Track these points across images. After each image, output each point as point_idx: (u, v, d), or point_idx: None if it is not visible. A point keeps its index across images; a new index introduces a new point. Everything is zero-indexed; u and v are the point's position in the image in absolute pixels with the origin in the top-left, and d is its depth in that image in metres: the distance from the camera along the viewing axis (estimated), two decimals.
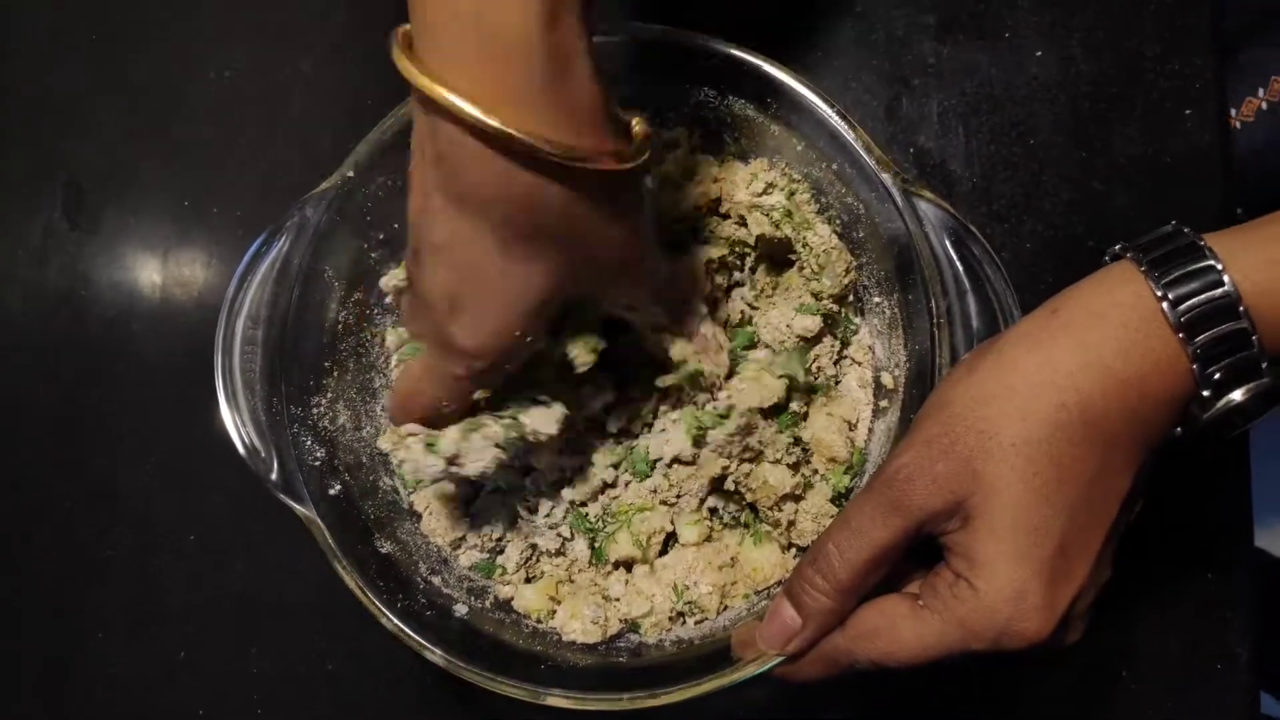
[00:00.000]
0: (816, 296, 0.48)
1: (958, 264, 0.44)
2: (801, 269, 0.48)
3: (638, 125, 0.38)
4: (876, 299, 0.49)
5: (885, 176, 0.44)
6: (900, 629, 0.37)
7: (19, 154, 0.63)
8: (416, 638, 0.44)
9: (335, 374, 0.50)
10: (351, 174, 0.48)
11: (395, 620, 0.44)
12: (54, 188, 0.62)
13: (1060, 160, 0.54)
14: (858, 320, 0.50)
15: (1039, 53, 0.55)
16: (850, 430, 0.48)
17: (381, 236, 0.51)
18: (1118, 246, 0.38)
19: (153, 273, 0.61)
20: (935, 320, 0.43)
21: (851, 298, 0.49)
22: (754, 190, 0.48)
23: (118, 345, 0.60)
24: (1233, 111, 0.52)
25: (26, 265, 0.62)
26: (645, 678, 0.43)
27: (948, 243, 0.44)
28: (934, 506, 0.36)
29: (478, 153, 0.34)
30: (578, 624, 0.47)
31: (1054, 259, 0.53)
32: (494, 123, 0.32)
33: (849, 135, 0.45)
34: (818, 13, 0.56)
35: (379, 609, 0.44)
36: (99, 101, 0.62)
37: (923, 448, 0.36)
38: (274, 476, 0.47)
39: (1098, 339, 0.35)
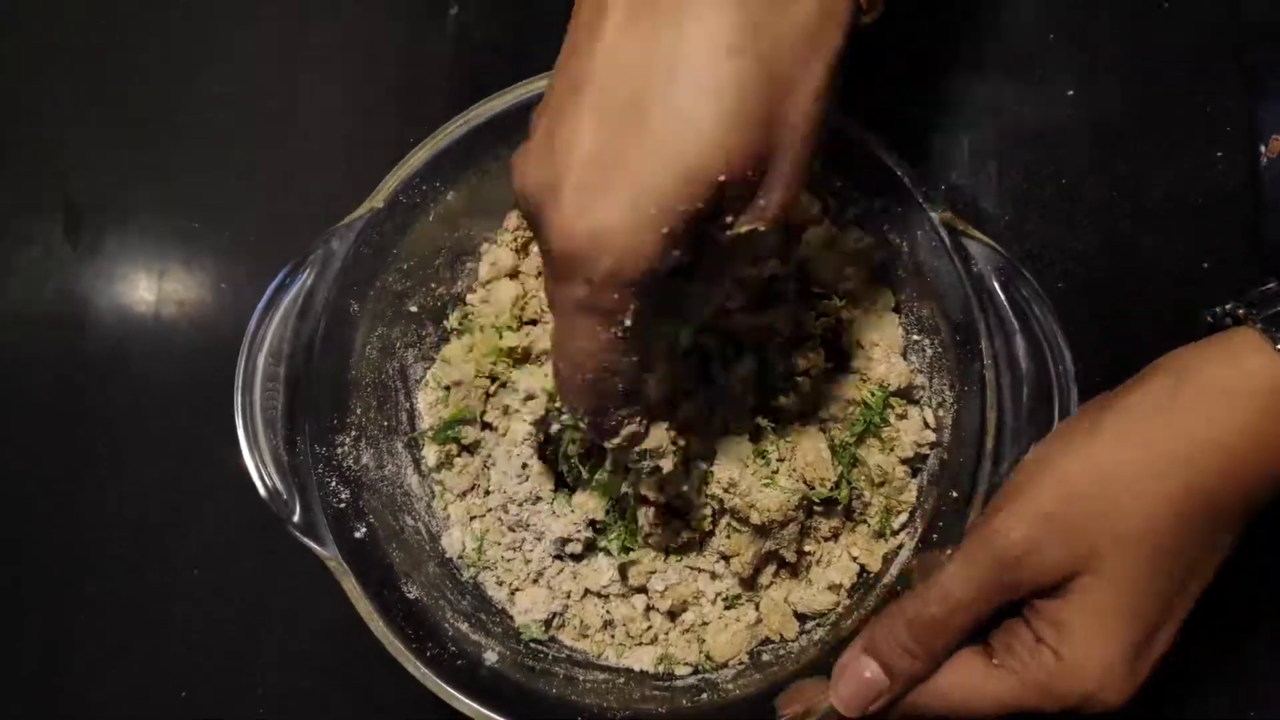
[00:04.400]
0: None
1: (1005, 305, 0.43)
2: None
3: None
4: (916, 337, 0.48)
5: (934, 215, 0.43)
6: (976, 687, 0.36)
7: (16, 171, 0.61)
8: (447, 688, 0.42)
9: (358, 411, 0.48)
10: (381, 205, 0.46)
11: (424, 669, 0.42)
12: (54, 207, 0.60)
13: (1091, 200, 0.54)
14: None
15: (1070, 91, 0.54)
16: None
17: (405, 267, 0.49)
18: (1229, 306, 0.37)
19: (157, 298, 0.59)
20: (985, 363, 0.42)
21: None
22: None
23: (119, 372, 0.58)
24: (1262, 147, 0.52)
25: (23, 287, 0.60)
26: None
27: (995, 284, 0.43)
28: (1044, 583, 0.35)
29: None
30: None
31: (1088, 299, 0.53)
32: None
33: (898, 170, 0.44)
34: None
35: (408, 657, 0.43)
36: (101, 120, 0.60)
37: (1040, 524, 0.35)
38: (296, 519, 0.45)
39: (1225, 420, 0.34)
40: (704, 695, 0.45)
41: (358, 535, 0.45)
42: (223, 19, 0.60)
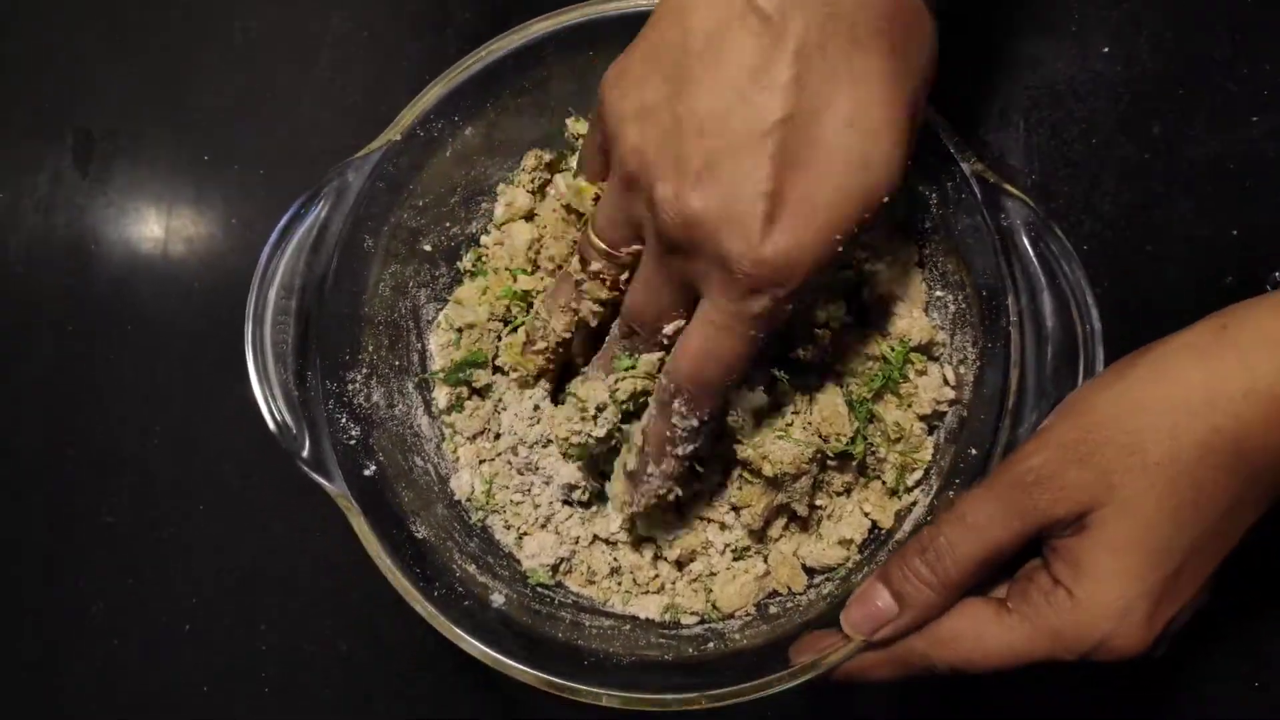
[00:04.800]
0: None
1: (1034, 261, 0.42)
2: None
3: None
4: (939, 292, 0.47)
5: (965, 165, 0.42)
6: (985, 635, 0.35)
7: (27, 98, 0.59)
8: (454, 628, 0.42)
9: (370, 349, 0.48)
10: (399, 138, 0.45)
11: (432, 609, 0.42)
12: (64, 134, 0.59)
13: (1121, 161, 0.53)
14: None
15: (1105, 49, 0.53)
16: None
17: (421, 204, 0.48)
18: None
19: (166, 231, 0.58)
20: (1011, 319, 0.41)
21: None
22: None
23: (126, 305, 0.58)
24: None
25: (31, 213, 0.59)
26: (698, 675, 0.41)
27: (1025, 239, 0.42)
28: (1059, 514, 0.34)
29: None
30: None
31: (1111, 262, 0.52)
32: None
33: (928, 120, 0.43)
34: None
35: (415, 596, 0.42)
36: (114, 48, 0.59)
37: (1057, 451, 0.35)
38: (305, 454, 0.44)
39: (1268, 366, 0.33)
40: (710, 644, 0.45)
41: (367, 473, 0.45)
42: None
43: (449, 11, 0.57)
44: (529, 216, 0.51)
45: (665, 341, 0.40)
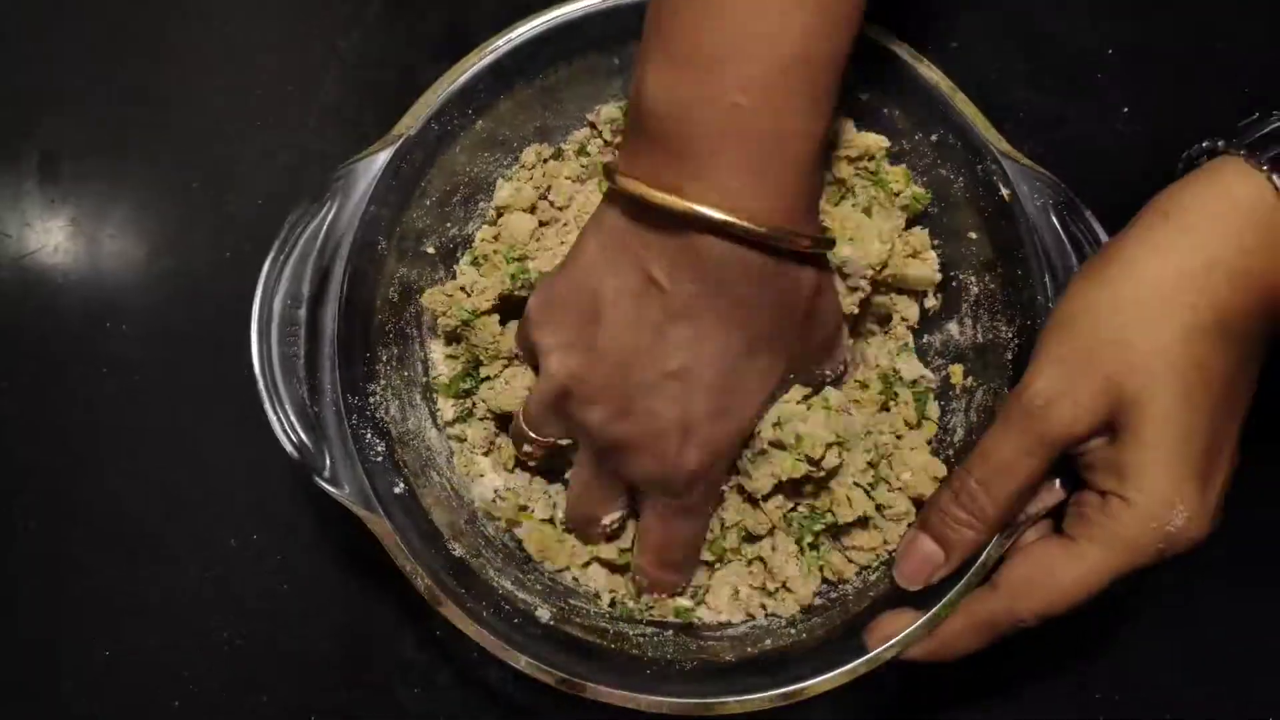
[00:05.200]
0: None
1: (1064, 238, 0.43)
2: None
3: None
4: (964, 275, 0.47)
5: (993, 146, 0.43)
6: (1059, 574, 0.36)
7: None
8: (507, 646, 0.40)
9: (384, 359, 0.45)
10: (414, 132, 0.42)
11: (485, 631, 0.40)
12: (30, 153, 0.53)
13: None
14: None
15: (1125, 109, 0.53)
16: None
17: (428, 203, 0.46)
18: (1219, 143, 0.37)
19: (144, 260, 0.53)
20: (1049, 299, 0.42)
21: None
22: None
23: (100, 337, 0.52)
24: None
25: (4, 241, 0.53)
26: (771, 673, 0.40)
27: (1053, 218, 0.43)
28: (1079, 431, 0.36)
29: (747, 261, 0.35)
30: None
31: None
32: (778, 227, 0.35)
33: (955, 101, 0.43)
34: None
35: (465, 619, 0.40)
36: (88, 64, 0.54)
37: (1057, 367, 0.36)
38: (327, 474, 0.41)
39: (1220, 241, 0.35)
40: (767, 642, 0.44)
41: (397, 491, 0.42)
42: None
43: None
44: (531, 209, 0.49)
45: (607, 532, 0.45)
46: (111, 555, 0.51)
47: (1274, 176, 0.35)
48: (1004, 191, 0.43)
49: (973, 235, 0.45)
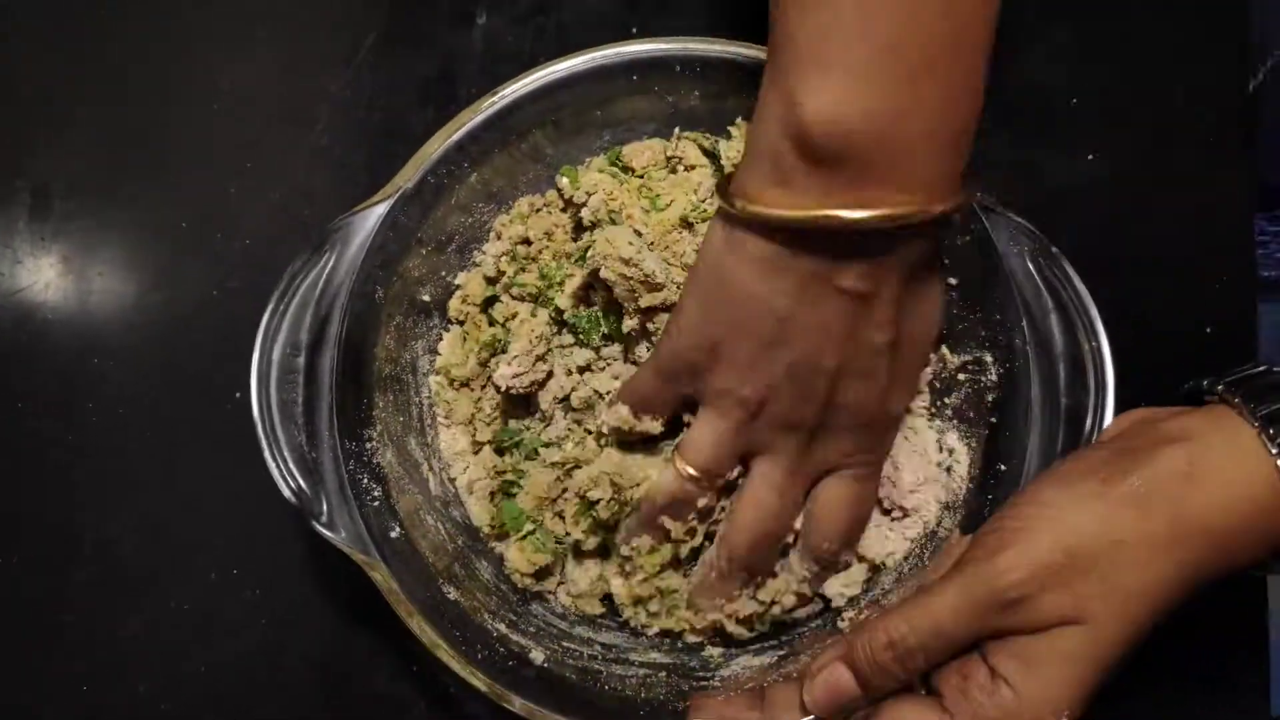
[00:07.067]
0: None
1: (1040, 283, 0.44)
2: None
3: None
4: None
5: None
6: None
7: None
8: (501, 688, 0.40)
9: (380, 405, 0.46)
10: (412, 185, 0.44)
11: (479, 674, 0.40)
12: (21, 190, 0.54)
13: (1098, 266, 0.51)
14: None
15: (1090, 156, 0.55)
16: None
17: (425, 252, 0.47)
18: (1220, 388, 0.38)
19: (132, 297, 0.54)
20: (1029, 343, 0.43)
21: None
22: None
23: (88, 373, 0.53)
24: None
25: None
26: None
27: (1029, 263, 0.45)
28: (1026, 630, 0.36)
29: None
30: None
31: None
32: (960, 203, 0.37)
33: None
34: None
35: (460, 662, 0.40)
36: (80, 103, 0.55)
37: (1044, 572, 0.35)
38: (324, 519, 0.42)
39: (1227, 512, 0.36)
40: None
41: (393, 535, 0.43)
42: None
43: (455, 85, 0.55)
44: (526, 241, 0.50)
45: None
46: (92, 589, 0.51)
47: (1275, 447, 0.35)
48: (978, 241, 0.44)
49: (952, 280, 0.47)
